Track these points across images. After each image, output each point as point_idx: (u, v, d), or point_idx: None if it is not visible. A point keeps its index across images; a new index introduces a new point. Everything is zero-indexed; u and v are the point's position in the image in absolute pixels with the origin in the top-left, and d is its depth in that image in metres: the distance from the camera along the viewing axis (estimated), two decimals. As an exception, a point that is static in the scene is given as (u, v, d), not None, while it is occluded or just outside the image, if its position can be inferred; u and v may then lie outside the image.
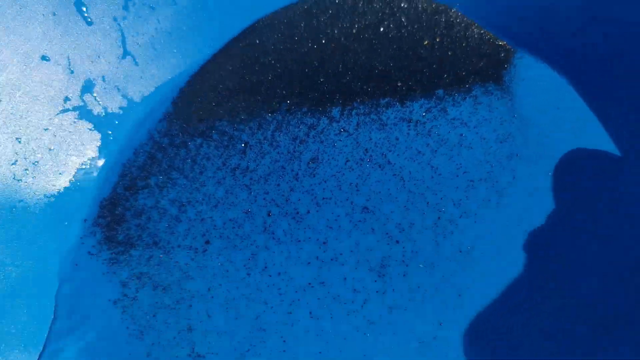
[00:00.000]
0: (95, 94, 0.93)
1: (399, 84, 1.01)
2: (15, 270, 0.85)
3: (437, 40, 1.04)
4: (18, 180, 0.89)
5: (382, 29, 1.03)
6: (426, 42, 1.04)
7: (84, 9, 0.86)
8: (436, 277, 0.91)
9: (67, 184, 0.93)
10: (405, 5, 1.03)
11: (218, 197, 0.95)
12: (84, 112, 0.93)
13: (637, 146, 0.93)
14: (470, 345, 0.88)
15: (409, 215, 0.94)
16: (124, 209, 0.95)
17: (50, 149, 0.91)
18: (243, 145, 0.97)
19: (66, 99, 0.91)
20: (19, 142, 0.88)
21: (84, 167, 0.94)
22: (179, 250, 0.93)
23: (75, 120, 0.93)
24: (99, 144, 0.95)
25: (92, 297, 0.90)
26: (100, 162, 0.95)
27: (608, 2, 0.92)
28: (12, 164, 0.85)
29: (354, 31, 1.03)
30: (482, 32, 1.04)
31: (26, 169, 0.89)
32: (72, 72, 0.90)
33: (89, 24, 0.87)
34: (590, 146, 0.96)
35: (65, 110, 0.92)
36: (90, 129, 0.94)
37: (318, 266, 0.92)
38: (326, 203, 0.95)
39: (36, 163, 0.91)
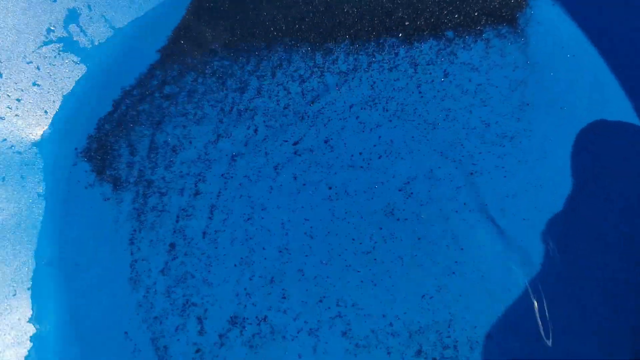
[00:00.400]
0: (81, 24, 0.87)
1: (407, 24, 0.96)
2: (0, 213, 0.81)
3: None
4: (1, 119, 0.83)
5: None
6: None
7: None
8: (439, 230, 0.87)
9: (54, 121, 0.88)
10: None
11: (218, 133, 0.90)
12: (69, 44, 0.87)
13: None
14: (472, 300, 0.85)
15: (420, 166, 0.90)
16: (114, 146, 0.90)
17: (34, 84, 0.86)
18: (241, 83, 0.91)
19: (49, 30, 0.85)
20: (0, 77, 0.82)
21: (70, 102, 0.89)
22: (175, 188, 0.89)
23: (60, 52, 0.87)
24: (88, 77, 0.89)
25: (84, 239, 0.87)
26: (88, 97, 0.89)
27: None
28: (-7, 100, 0.80)
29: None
30: (495, -29, 0.98)
31: (9, 107, 0.84)
32: (54, 0, 0.84)
33: (72, -54, 0.80)
34: (606, 99, 0.92)
35: (48, 42, 0.85)
36: (76, 62, 0.88)
37: (328, 207, 0.88)
38: (334, 145, 0.90)
39: (19, 99, 0.85)
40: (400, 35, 0.95)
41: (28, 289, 0.83)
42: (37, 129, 0.87)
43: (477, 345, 0.83)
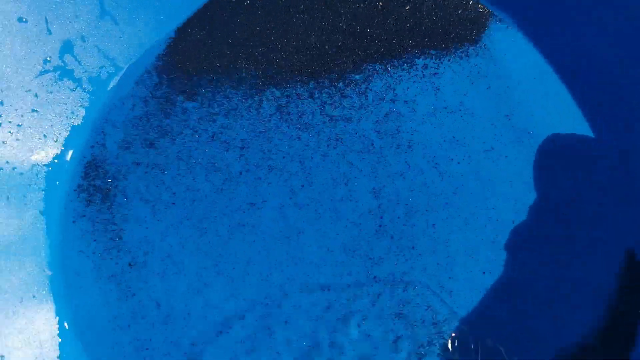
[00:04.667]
0: (75, 54, 0.94)
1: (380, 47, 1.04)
2: (6, 229, 0.89)
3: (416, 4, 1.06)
4: (3, 143, 0.91)
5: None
6: (407, 8, 1.06)
7: (60, -32, 0.86)
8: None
9: (52, 144, 0.95)
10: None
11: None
12: (65, 73, 0.94)
13: (614, 125, 0.97)
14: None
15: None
16: (111, 169, 0.97)
17: (33, 110, 0.93)
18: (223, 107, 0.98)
19: (45, 60, 0.92)
20: (2, 104, 0.89)
21: (68, 126, 0.96)
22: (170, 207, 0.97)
23: (57, 81, 0.94)
24: (84, 103, 0.97)
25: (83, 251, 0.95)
26: (85, 123, 0.97)
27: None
28: (-5, 128, 0.88)
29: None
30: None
31: (10, 131, 0.91)
32: (50, 33, 0.91)
33: (65, -17, 0.86)
34: (564, 119, 1.00)
35: (45, 72, 0.92)
36: (72, 89, 0.95)
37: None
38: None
39: (20, 125, 0.92)
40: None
41: (33, 296, 0.92)
42: (37, 152, 0.94)
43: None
